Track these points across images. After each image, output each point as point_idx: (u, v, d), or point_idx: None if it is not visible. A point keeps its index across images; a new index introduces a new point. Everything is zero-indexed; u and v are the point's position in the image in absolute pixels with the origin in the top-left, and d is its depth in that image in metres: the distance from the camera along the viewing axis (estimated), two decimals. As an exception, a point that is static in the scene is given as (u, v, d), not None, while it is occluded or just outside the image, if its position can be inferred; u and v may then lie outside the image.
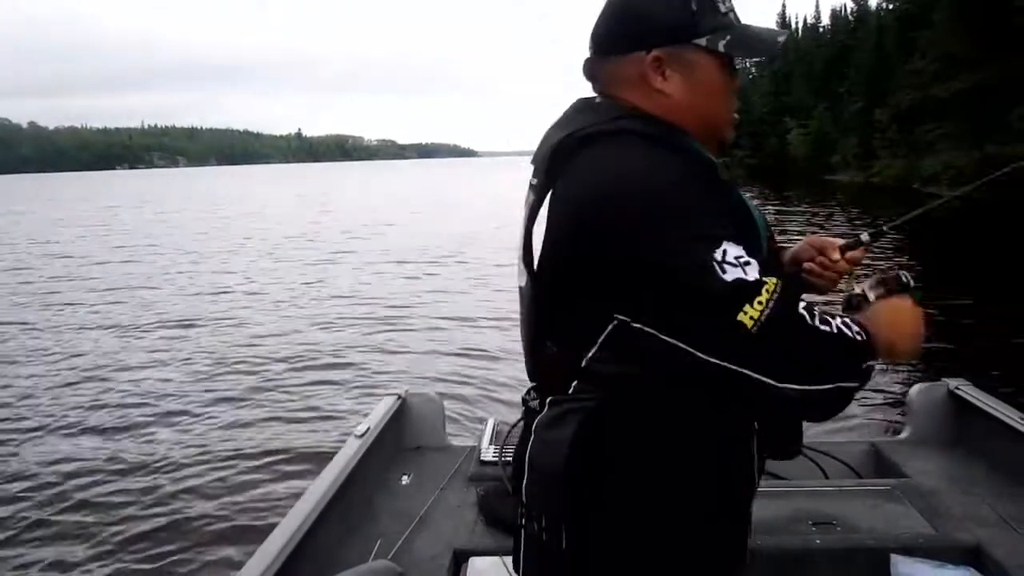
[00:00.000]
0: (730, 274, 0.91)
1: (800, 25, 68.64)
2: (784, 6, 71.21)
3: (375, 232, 21.62)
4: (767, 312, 0.91)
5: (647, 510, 1.05)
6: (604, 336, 1.01)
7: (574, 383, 1.07)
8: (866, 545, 2.18)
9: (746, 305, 0.90)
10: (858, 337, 0.98)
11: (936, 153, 31.33)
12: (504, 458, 2.67)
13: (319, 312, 10.17)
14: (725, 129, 1.16)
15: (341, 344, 8.19)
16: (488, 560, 2.18)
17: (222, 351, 8.20)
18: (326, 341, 8.39)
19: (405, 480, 2.74)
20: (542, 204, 1.08)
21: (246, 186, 70.65)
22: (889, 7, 43.41)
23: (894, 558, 2.11)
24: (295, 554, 1.99)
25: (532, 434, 1.13)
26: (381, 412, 2.91)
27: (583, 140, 1.04)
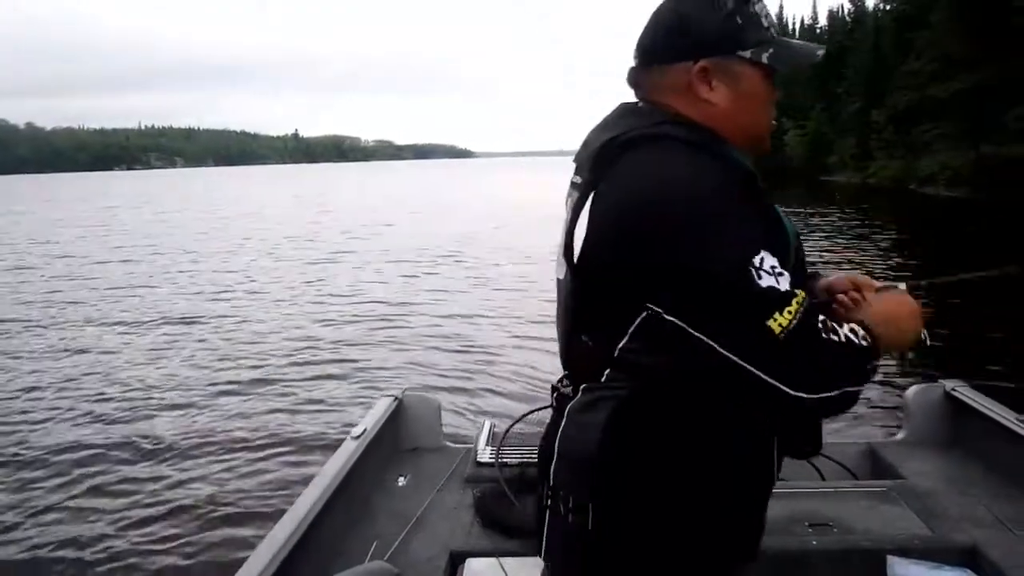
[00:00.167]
0: (765, 281, 0.96)
1: (797, 26, 68.83)
2: (781, 7, 71.23)
3: (373, 232, 21.60)
4: (794, 323, 0.96)
5: (670, 497, 1.10)
6: (635, 326, 1.05)
7: (607, 372, 1.11)
8: (862, 546, 2.17)
9: (776, 313, 0.96)
10: (864, 343, 1.03)
11: (932, 154, 31.42)
12: (500, 460, 2.67)
13: (315, 312, 10.16)
14: (764, 138, 1.21)
15: (337, 345, 8.19)
16: (484, 561, 2.17)
17: (219, 351, 8.21)
18: (322, 342, 8.38)
19: (402, 481, 2.73)
20: (585, 202, 1.11)
21: (244, 187, 70.46)
22: (886, 8, 43.59)
23: (890, 559, 2.11)
24: (292, 555, 1.99)
25: (564, 418, 1.17)
26: (378, 413, 2.90)
27: (627, 143, 1.09)
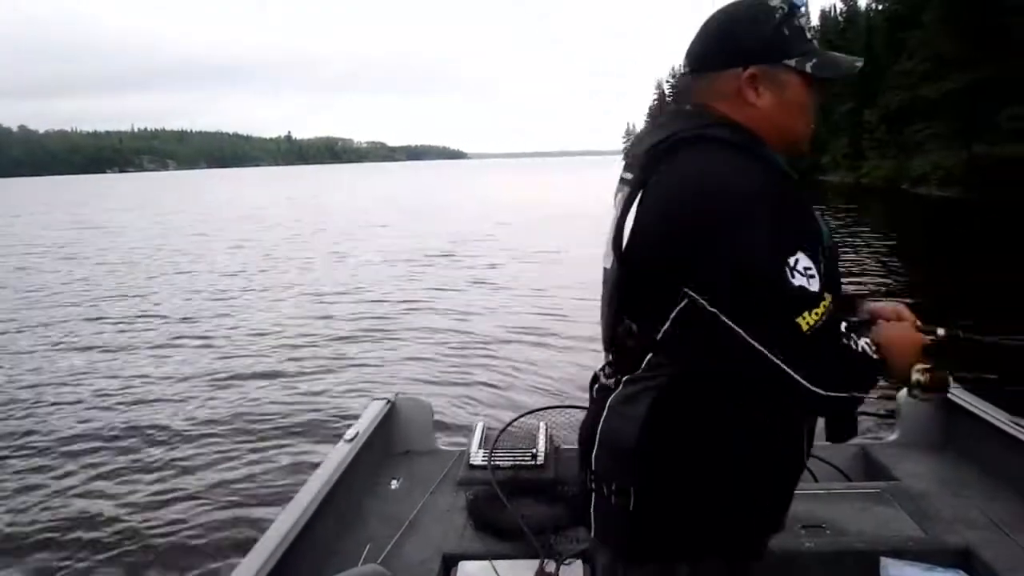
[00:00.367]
0: (798, 280, 1.05)
1: (790, 26, 68.87)
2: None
3: (368, 234, 21.59)
4: (820, 323, 1.05)
5: (705, 480, 1.20)
6: (676, 312, 1.14)
7: (648, 357, 1.20)
8: (856, 548, 2.17)
9: (806, 312, 1.05)
10: (875, 357, 1.14)
11: (925, 153, 31.51)
12: (493, 462, 2.66)
13: (309, 315, 10.15)
14: (803, 142, 1.29)
15: (330, 348, 8.19)
16: (477, 564, 2.17)
17: (214, 352, 8.26)
18: (314, 345, 8.38)
19: (394, 484, 2.73)
20: (635, 197, 1.19)
21: (239, 189, 70.48)
22: (878, 8, 43.69)
23: (884, 561, 2.11)
24: (285, 558, 1.99)
25: (606, 410, 1.26)
26: (370, 416, 2.90)
27: (677, 143, 1.18)
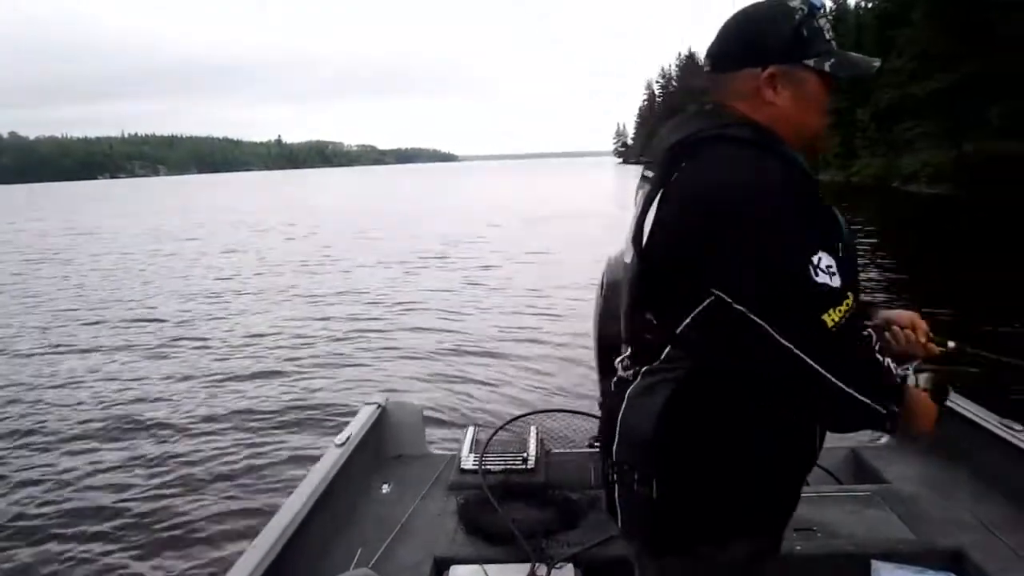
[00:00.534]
0: (821, 278, 1.08)
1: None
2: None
3: (360, 237, 21.56)
4: (843, 320, 1.09)
5: (723, 468, 1.22)
6: (699, 310, 1.15)
7: (667, 349, 1.23)
8: (847, 551, 2.17)
9: (830, 309, 1.08)
10: (897, 380, 1.18)
11: (915, 152, 31.56)
12: (484, 466, 2.66)
13: (300, 318, 10.15)
14: (819, 140, 1.32)
15: (321, 352, 8.17)
16: (469, 568, 2.17)
17: (206, 355, 8.25)
18: (305, 348, 8.36)
19: (386, 489, 2.73)
20: (656, 194, 1.21)
21: (230, 194, 70.27)
22: (868, 6, 43.72)
23: (875, 564, 2.11)
24: (276, 562, 1.99)
25: (625, 401, 1.29)
26: (361, 420, 2.91)
27: (699, 141, 1.20)
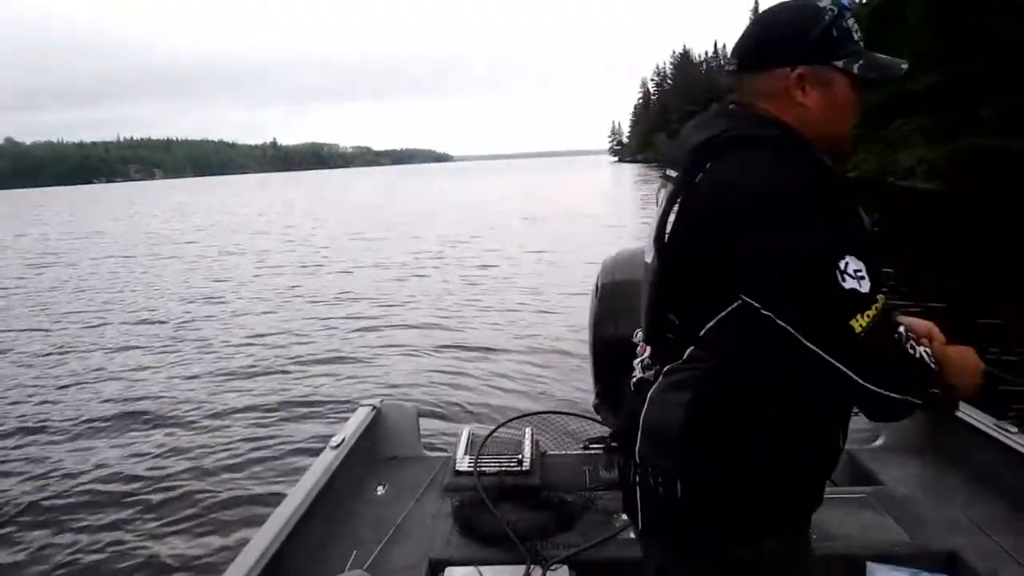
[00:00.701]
0: (848, 283, 1.06)
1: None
2: (756, 1, 71.49)
3: (359, 238, 21.58)
4: (872, 324, 1.07)
5: (747, 468, 1.21)
6: (725, 313, 1.15)
7: (689, 350, 1.22)
8: (842, 553, 2.17)
9: (858, 314, 1.07)
10: (932, 366, 1.17)
11: (910, 148, 31.59)
12: (479, 468, 2.66)
13: (297, 320, 10.17)
14: (846, 142, 1.30)
15: (316, 354, 8.19)
16: (464, 570, 2.17)
17: (204, 355, 8.31)
18: (302, 350, 8.38)
19: (381, 490, 2.72)
20: (680, 195, 1.20)
21: (230, 196, 70.33)
22: (862, 1, 43.75)
23: (870, 566, 2.10)
24: (272, 564, 1.98)
25: (647, 401, 1.28)
26: (356, 422, 2.90)
27: (725, 142, 1.18)
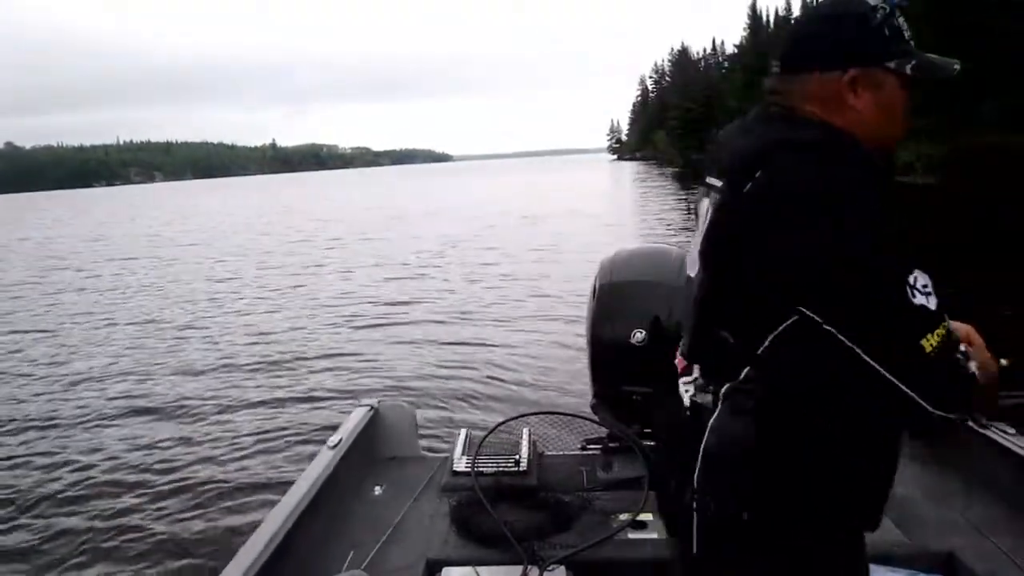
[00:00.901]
0: (919, 299, 1.00)
1: (771, 18, 69.17)
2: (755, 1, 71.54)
3: (359, 238, 21.61)
4: (941, 344, 1.01)
5: (813, 490, 1.15)
6: (783, 328, 1.08)
7: (746, 370, 1.14)
8: None
9: (928, 333, 1.00)
10: (979, 380, 1.10)
11: (910, 144, 31.59)
12: (477, 468, 2.65)
13: (295, 321, 10.17)
14: (895, 144, 1.25)
15: (315, 354, 8.20)
16: (461, 570, 2.16)
17: (205, 355, 8.34)
18: (300, 350, 8.40)
19: (378, 490, 2.72)
20: (729, 206, 1.14)
21: (231, 198, 70.53)
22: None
23: (869, 567, 2.11)
24: (269, 564, 1.98)
25: (709, 429, 1.20)
26: (354, 422, 2.90)
27: (779, 150, 1.11)
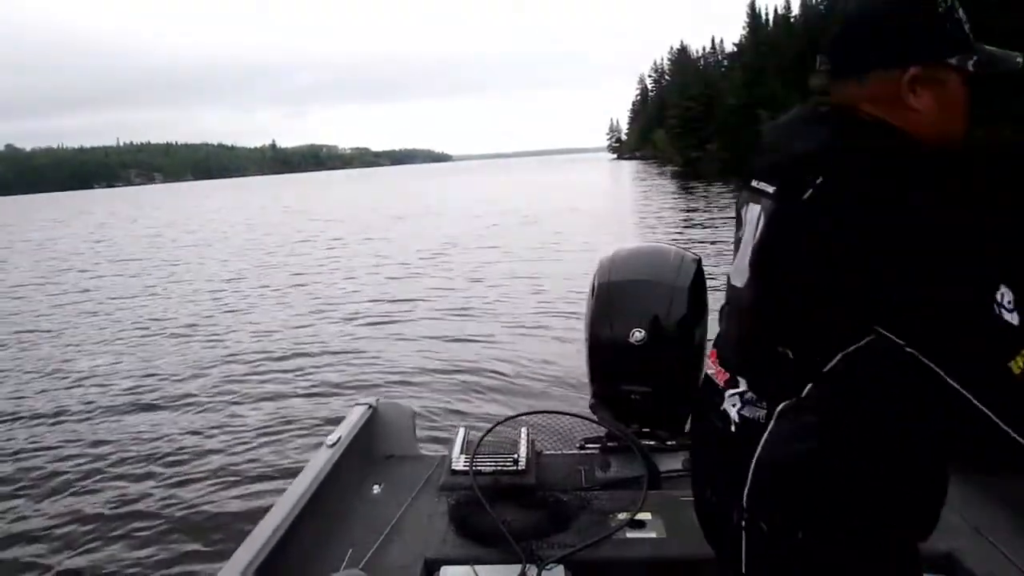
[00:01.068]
0: (1007, 317, 0.92)
1: (771, 16, 69.23)
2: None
3: (360, 237, 21.62)
4: None
5: (876, 508, 1.08)
6: (855, 347, 1.00)
7: (808, 386, 1.06)
8: None
9: (1016, 355, 0.92)
10: None
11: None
12: (475, 467, 2.64)
13: (296, 319, 10.19)
14: (958, 145, 1.16)
15: (314, 352, 8.20)
16: (459, 569, 2.15)
17: (198, 356, 8.35)
18: (299, 348, 8.40)
19: (376, 489, 2.71)
20: (785, 212, 1.08)
21: (231, 199, 70.58)
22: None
23: None
24: (266, 563, 1.98)
25: (763, 446, 1.12)
26: (352, 421, 2.89)
27: (841, 154, 1.04)
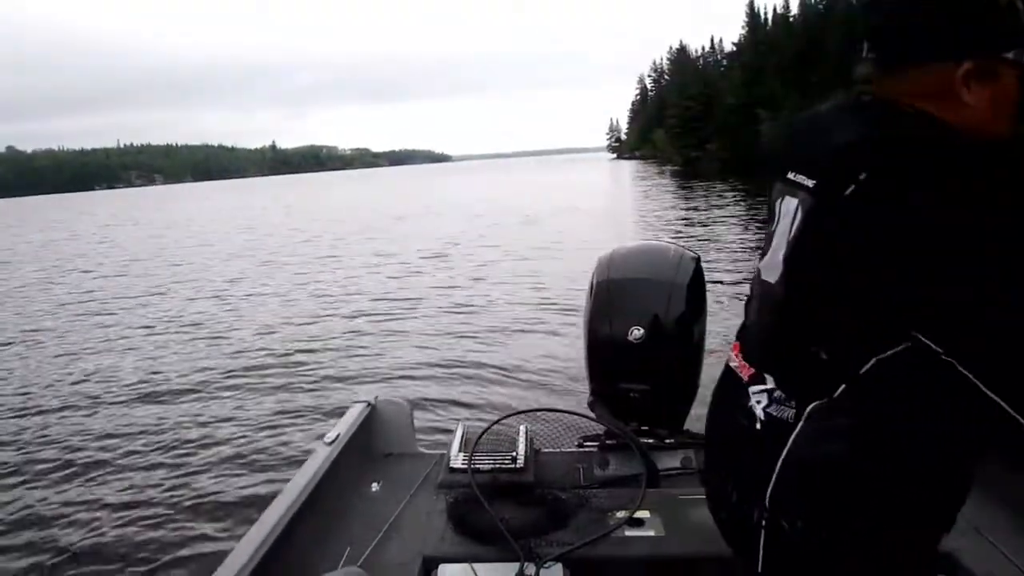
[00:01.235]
0: None
1: (770, 15, 69.29)
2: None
3: (361, 237, 21.66)
4: None
5: (901, 510, 1.08)
6: (892, 352, 0.98)
7: (841, 388, 1.04)
8: None
9: None
10: None
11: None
12: (473, 465, 2.64)
13: (295, 317, 10.23)
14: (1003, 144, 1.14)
15: (313, 350, 8.22)
16: (457, 567, 2.14)
17: (197, 355, 8.38)
18: (299, 346, 8.43)
19: (375, 487, 2.70)
20: (824, 208, 1.05)
21: (231, 200, 70.76)
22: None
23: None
24: (264, 560, 1.97)
25: (791, 446, 1.10)
26: (350, 419, 2.89)
27: (888, 148, 1.00)
